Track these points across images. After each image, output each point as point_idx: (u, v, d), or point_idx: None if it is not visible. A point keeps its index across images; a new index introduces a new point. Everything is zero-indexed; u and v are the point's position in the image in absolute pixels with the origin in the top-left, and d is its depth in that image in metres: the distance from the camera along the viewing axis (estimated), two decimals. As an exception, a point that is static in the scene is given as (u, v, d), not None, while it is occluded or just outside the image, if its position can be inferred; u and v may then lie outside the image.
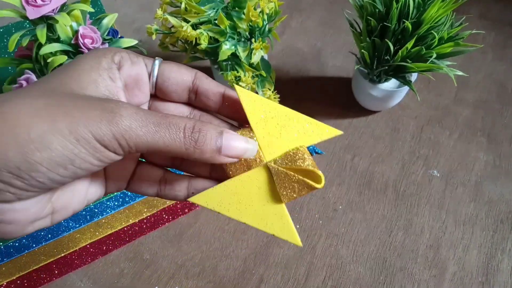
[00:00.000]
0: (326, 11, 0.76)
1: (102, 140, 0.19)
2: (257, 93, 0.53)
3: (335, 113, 0.63)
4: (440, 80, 0.66)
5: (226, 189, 0.24)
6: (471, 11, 0.76)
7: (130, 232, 0.51)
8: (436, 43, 0.48)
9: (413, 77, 0.58)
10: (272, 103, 0.24)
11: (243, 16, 0.50)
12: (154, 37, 0.52)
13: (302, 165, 0.23)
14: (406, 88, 0.56)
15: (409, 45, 0.47)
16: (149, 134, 0.20)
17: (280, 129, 0.24)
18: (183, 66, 0.24)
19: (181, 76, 0.24)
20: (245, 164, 0.24)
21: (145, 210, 0.50)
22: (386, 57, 0.51)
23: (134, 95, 0.24)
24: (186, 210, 0.53)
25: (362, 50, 0.51)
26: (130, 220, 0.50)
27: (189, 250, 0.51)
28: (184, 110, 0.26)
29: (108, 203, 0.47)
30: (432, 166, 0.58)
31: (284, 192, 0.23)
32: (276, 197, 0.24)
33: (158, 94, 0.25)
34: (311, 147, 0.59)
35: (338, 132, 0.24)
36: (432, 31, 0.48)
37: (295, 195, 0.23)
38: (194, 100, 0.25)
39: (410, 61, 0.49)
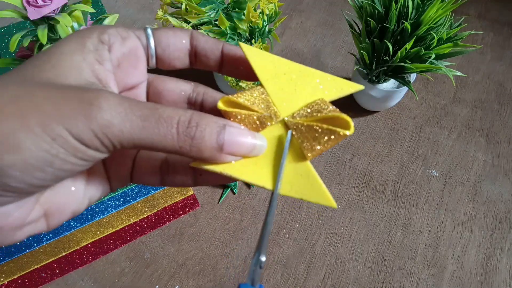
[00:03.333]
0: (325, 12, 0.77)
1: (80, 138, 0.16)
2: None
3: (334, 113, 0.63)
4: (439, 81, 0.67)
5: None
6: (470, 11, 0.76)
7: (131, 231, 0.51)
8: (435, 44, 0.48)
9: (412, 77, 0.58)
10: (283, 59, 0.22)
11: (243, 17, 0.51)
12: (154, 37, 0.52)
13: (324, 112, 0.20)
14: (405, 89, 0.57)
15: (408, 45, 0.47)
16: (134, 130, 0.17)
17: (294, 85, 0.21)
18: (177, 29, 0.22)
19: (179, 40, 0.21)
20: (258, 123, 0.20)
21: (146, 209, 0.50)
22: (385, 58, 0.51)
23: (130, 75, 0.21)
24: (187, 210, 0.53)
25: (361, 51, 0.52)
26: (131, 219, 0.50)
27: (190, 249, 0.51)
28: (186, 87, 0.23)
29: (109, 202, 0.47)
30: (430, 165, 0.58)
31: (309, 147, 0.20)
32: (298, 155, 0.20)
33: (160, 65, 0.22)
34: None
35: (359, 87, 0.21)
36: (431, 32, 0.48)
37: (321, 148, 0.20)
38: (195, 63, 0.23)
39: (409, 62, 0.49)
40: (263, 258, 0.18)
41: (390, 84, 0.58)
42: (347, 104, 0.64)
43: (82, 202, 0.20)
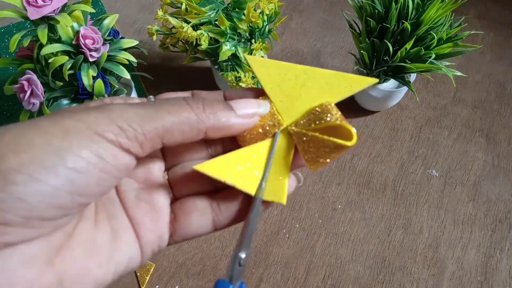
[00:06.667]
0: (325, 12, 0.77)
1: (103, 133, 0.16)
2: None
3: (334, 113, 0.63)
4: (439, 81, 0.67)
5: (239, 157, 0.20)
6: (470, 11, 0.76)
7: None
8: (435, 44, 0.48)
9: (412, 77, 0.58)
10: (287, 64, 0.21)
11: (243, 17, 0.51)
12: (155, 37, 0.52)
13: (327, 120, 0.19)
14: (405, 89, 0.57)
15: (408, 45, 0.47)
16: (153, 114, 0.17)
17: (299, 89, 0.21)
18: (178, 92, 0.22)
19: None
20: (262, 132, 0.20)
21: (146, 209, 0.50)
22: (385, 58, 0.51)
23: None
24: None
25: (362, 51, 0.52)
26: (131, 220, 0.50)
27: (190, 249, 0.51)
28: (185, 95, 0.23)
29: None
30: (431, 165, 0.58)
31: (310, 159, 0.20)
32: (285, 163, 0.21)
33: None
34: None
35: (372, 80, 0.20)
36: (431, 32, 0.48)
37: (322, 160, 0.19)
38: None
39: (409, 62, 0.49)
40: (243, 255, 0.18)
41: (390, 84, 0.58)
42: (347, 104, 0.64)
43: (106, 268, 0.17)
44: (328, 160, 0.19)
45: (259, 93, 0.22)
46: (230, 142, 0.22)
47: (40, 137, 0.15)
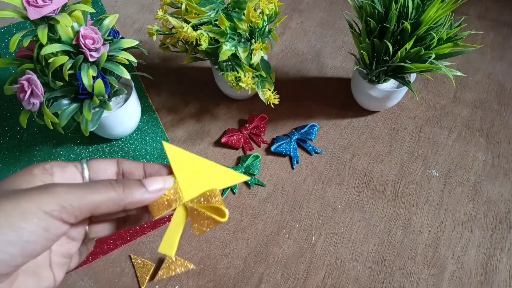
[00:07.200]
0: (325, 12, 0.77)
1: (51, 212, 0.23)
2: (257, 93, 0.53)
3: (334, 113, 0.63)
4: (439, 81, 0.67)
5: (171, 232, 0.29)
6: (470, 11, 0.76)
7: (131, 231, 0.51)
8: (435, 44, 0.48)
9: (412, 77, 0.58)
10: (194, 156, 0.29)
11: (243, 17, 0.51)
12: (155, 37, 0.52)
13: (211, 201, 0.28)
14: (405, 89, 0.57)
15: (408, 45, 0.47)
16: (86, 195, 0.24)
17: (198, 175, 0.29)
18: (107, 159, 0.30)
19: (107, 165, 0.29)
20: (167, 203, 0.28)
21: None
22: (385, 58, 0.51)
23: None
24: (187, 210, 0.53)
25: (361, 51, 0.52)
26: (131, 220, 0.50)
27: (190, 249, 0.51)
28: (113, 163, 0.31)
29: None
30: (431, 166, 0.58)
31: (196, 227, 0.28)
32: (181, 223, 0.29)
33: None
34: (311, 147, 0.59)
35: (246, 178, 0.30)
36: (431, 32, 0.48)
37: (204, 229, 0.28)
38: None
39: (409, 62, 0.49)
40: None
41: (390, 84, 0.58)
42: (347, 104, 0.64)
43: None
44: (209, 229, 0.27)
45: (171, 170, 0.29)
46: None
47: (4, 219, 0.22)
